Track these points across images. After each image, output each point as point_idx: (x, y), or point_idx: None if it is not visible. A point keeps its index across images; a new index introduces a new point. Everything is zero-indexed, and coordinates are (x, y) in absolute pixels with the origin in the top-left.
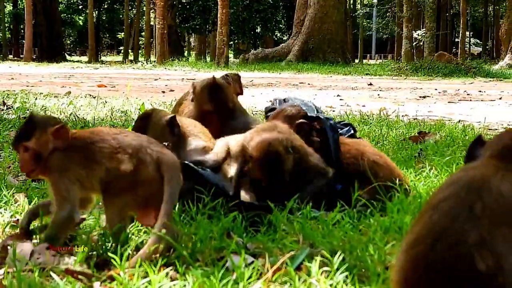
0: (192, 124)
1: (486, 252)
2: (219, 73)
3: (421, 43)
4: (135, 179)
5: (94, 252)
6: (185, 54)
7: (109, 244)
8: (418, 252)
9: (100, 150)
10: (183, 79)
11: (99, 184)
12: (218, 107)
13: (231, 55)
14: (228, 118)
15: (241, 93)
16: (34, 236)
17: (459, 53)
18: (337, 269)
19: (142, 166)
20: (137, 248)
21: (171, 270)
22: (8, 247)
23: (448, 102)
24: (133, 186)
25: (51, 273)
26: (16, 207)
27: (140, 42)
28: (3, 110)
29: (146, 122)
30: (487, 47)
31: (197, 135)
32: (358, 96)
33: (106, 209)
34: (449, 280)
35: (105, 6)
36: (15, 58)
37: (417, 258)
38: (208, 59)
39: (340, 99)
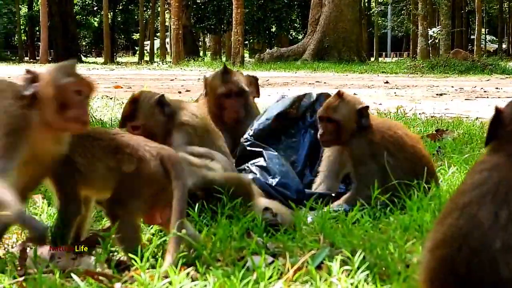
0: (184, 101)
1: (510, 258)
2: None
3: (437, 41)
4: (139, 179)
5: (115, 253)
6: (201, 54)
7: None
8: (443, 254)
9: (101, 148)
10: (199, 79)
11: (101, 182)
12: (232, 89)
13: (246, 55)
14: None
15: (258, 96)
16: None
17: (474, 50)
18: (358, 268)
19: (143, 164)
20: (157, 248)
21: (191, 270)
22: (28, 249)
23: (465, 99)
24: (138, 188)
25: (72, 274)
26: (35, 208)
27: (155, 43)
28: None
29: (136, 105)
30: (503, 44)
31: (187, 107)
32: (374, 95)
33: (121, 221)
34: (472, 283)
35: (120, 7)
36: (31, 60)
37: (443, 260)
38: (223, 59)
39: None
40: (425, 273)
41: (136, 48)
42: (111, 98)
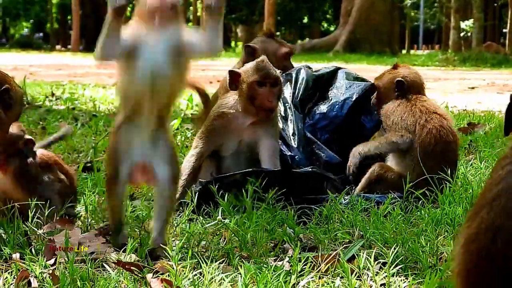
0: None
1: None
2: None
3: (469, 34)
4: None
5: (146, 244)
6: (232, 44)
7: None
8: (478, 247)
9: None
10: None
11: None
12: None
13: None
14: None
15: None
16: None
17: (507, 44)
18: (390, 261)
19: None
20: (188, 240)
21: (223, 261)
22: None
23: (497, 93)
24: None
25: (104, 264)
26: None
27: None
28: (52, 101)
29: None
30: None
31: None
32: None
33: None
34: (510, 272)
35: None
36: (63, 48)
37: (478, 252)
38: None
39: None
40: (460, 266)
41: None
42: None
